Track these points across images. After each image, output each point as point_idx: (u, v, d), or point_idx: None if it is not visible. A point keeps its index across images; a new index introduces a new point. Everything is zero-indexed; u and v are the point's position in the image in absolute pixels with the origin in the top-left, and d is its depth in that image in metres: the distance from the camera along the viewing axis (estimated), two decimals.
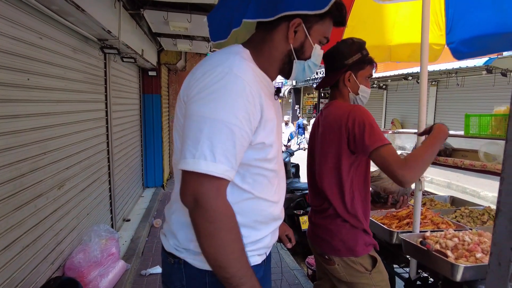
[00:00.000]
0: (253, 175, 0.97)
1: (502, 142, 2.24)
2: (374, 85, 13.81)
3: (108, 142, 3.89)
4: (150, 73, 5.84)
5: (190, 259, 0.97)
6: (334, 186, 1.51)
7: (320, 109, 21.24)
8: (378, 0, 1.02)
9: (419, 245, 1.55)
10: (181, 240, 0.99)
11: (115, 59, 3.90)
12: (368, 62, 1.57)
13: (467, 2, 2.27)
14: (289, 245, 1.39)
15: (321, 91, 20.48)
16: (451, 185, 7.75)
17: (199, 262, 0.96)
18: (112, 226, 4.04)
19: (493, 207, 2.28)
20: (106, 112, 3.81)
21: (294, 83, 24.05)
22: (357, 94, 1.59)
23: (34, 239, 2.16)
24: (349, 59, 1.53)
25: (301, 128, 14.67)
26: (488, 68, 8.53)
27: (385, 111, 13.85)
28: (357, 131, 1.38)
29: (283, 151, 3.96)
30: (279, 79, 26.29)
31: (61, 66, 2.56)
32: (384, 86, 13.72)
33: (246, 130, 0.86)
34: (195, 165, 0.82)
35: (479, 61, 8.17)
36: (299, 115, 19.53)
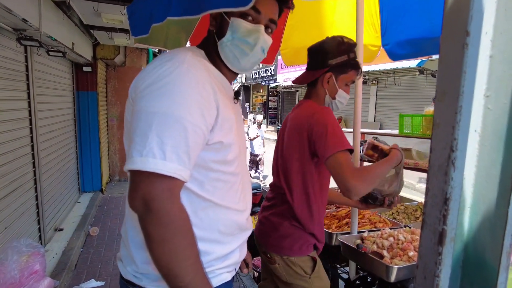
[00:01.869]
0: (213, 181, 0.89)
1: None
2: None
3: (33, 145, 3.49)
4: (85, 68, 5.38)
5: (152, 287, 0.89)
6: (294, 187, 1.47)
7: (269, 106, 21.53)
8: None
9: (356, 248, 1.55)
10: (139, 263, 0.89)
11: (39, 53, 3.50)
12: (352, 66, 1.45)
13: (399, 7, 2.35)
14: (245, 271, 1.27)
15: (269, 89, 20.73)
16: None
17: None
18: (40, 238, 3.64)
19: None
20: (30, 111, 3.41)
21: (243, 81, 24.06)
22: (334, 98, 1.48)
23: None
24: (333, 60, 1.42)
25: None
26: (420, 69, 9.19)
27: None
28: (318, 134, 1.31)
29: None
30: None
31: None
32: None
33: (200, 127, 0.79)
34: (142, 164, 0.74)
35: (412, 63, 8.77)
36: (248, 112, 19.59)
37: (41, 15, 2.78)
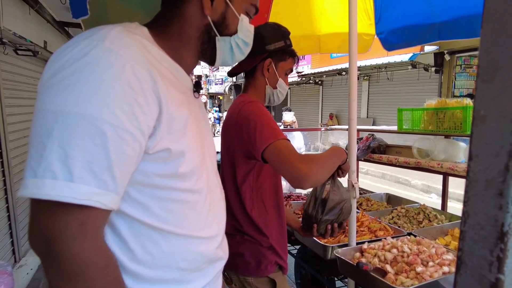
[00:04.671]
0: (163, 202, 0.66)
1: (434, 137, 2.19)
2: (310, 81, 14.11)
3: (1, 153, 3.22)
4: None
5: None
6: (233, 195, 1.31)
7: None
8: None
9: (357, 267, 1.34)
10: None
11: (6, 52, 3.22)
12: (290, 53, 1.36)
13: None
14: None
15: None
16: (385, 176, 8.09)
17: None
18: (13, 253, 3.38)
19: (427, 204, 2.21)
20: None
21: (234, 80, 23.82)
22: (275, 88, 1.35)
23: None
24: (271, 45, 1.31)
25: (218, 120, 14.53)
26: (413, 63, 9.07)
27: (322, 106, 14.24)
28: (249, 131, 1.17)
29: None
30: (220, 75, 25.78)
31: None
32: (319, 82, 14.08)
33: (129, 131, 0.56)
34: (36, 188, 0.51)
35: (404, 57, 8.64)
36: (216, 108, 19.19)
37: (1, 8, 2.52)
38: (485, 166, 0.36)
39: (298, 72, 14.01)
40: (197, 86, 0.80)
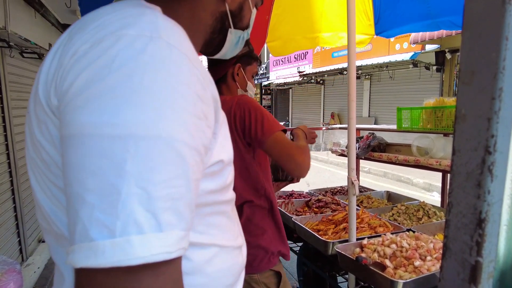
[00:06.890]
0: (207, 217, 0.55)
1: (433, 136, 2.22)
2: (312, 80, 14.14)
3: (8, 153, 3.28)
4: None
5: None
6: (247, 186, 1.35)
7: (263, 104, 21.43)
8: None
9: (356, 261, 1.38)
10: None
11: (12, 54, 3.28)
12: (254, 58, 1.46)
13: None
14: None
15: (262, 87, 20.56)
16: (387, 174, 8.12)
17: None
18: (20, 252, 3.44)
19: (426, 201, 2.25)
20: (3, 117, 3.20)
21: None
22: (246, 91, 1.43)
23: None
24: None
25: None
26: (414, 62, 9.08)
27: (323, 105, 14.26)
28: (251, 120, 1.24)
29: None
30: None
31: None
32: (321, 81, 14.09)
33: (199, 151, 0.43)
34: (119, 253, 0.34)
35: (406, 56, 8.65)
36: None
37: (8, 12, 2.58)
38: (465, 160, 0.40)
39: (299, 72, 14.03)
40: None
